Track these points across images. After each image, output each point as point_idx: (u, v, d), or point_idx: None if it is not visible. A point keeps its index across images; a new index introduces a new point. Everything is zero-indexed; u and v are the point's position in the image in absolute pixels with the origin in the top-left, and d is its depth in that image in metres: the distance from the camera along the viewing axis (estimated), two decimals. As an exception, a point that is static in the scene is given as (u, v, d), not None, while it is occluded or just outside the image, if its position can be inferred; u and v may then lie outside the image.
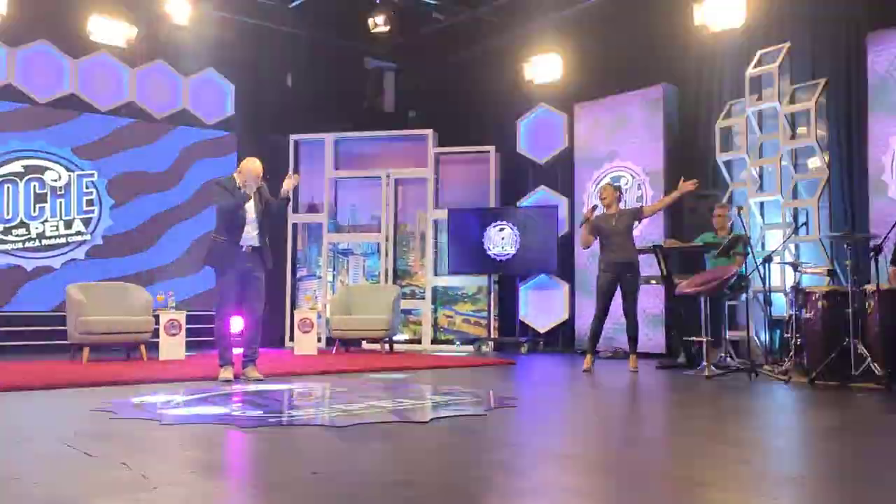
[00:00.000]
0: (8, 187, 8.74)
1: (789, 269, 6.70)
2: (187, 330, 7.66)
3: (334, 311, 8.77)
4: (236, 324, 6.20)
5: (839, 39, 7.32)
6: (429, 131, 10.06)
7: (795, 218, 7.28)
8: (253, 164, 5.63)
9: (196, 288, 9.54)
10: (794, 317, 5.98)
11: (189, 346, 7.76)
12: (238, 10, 9.65)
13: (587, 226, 6.67)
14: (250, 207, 5.61)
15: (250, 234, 5.62)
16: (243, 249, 5.59)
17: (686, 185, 6.48)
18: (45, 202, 8.95)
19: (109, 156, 9.33)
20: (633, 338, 6.64)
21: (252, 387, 5.21)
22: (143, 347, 7.40)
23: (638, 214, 6.76)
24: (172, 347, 7.48)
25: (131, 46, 8.90)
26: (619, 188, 7.00)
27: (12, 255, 8.73)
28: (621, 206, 6.96)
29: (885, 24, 6.81)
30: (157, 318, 7.56)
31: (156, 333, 7.51)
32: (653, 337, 8.20)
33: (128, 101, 9.44)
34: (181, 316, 7.62)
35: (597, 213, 6.78)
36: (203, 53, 9.66)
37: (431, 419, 3.75)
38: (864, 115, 6.89)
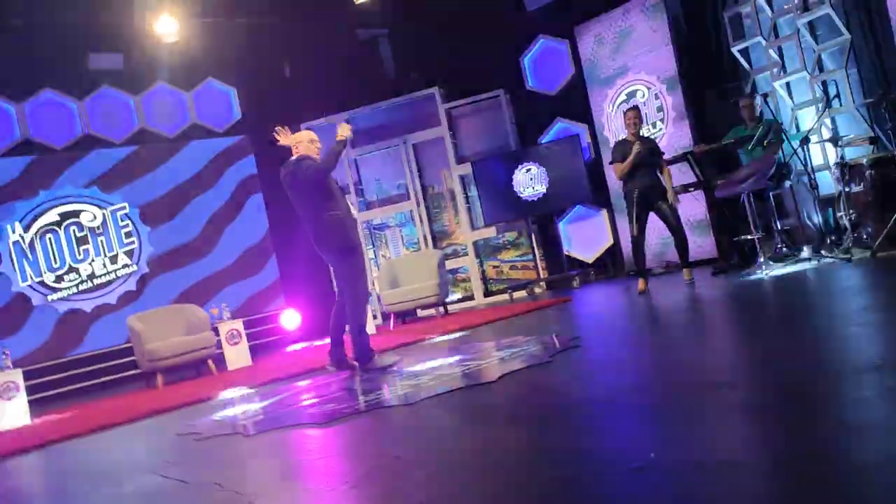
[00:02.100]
0: (49, 237, 8.95)
1: (829, 146, 6.50)
2: (247, 335, 7.83)
3: (383, 287, 8.85)
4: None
5: None
6: (434, 90, 9.93)
7: (826, 91, 7.03)
8: (307, 133, 5.34)
9: (242, 295, 9.75)
10: (843, 193, 5.82)
11: (253, 350, 7.93)
12: (221, 13, 9.57)
13: (631, 160, 6.44)
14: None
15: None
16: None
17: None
18: (88, 243, 9.15)
19: (135, 185, 9.46)
20: (683, 251, 6.55)
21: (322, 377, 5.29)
22: (210, 362, 7.58)
23: (660, 155, 6.63)
24: (238, 356, 7.66)
25: (130, 75, 8.92)
26: (637, 108, 6.76)
27: (70, 300, 8.98)
28: (643, 129, 6.72)
29: None
30: (216, 330, 7.73)
31: (219, 345, 7.69)
32: (702, 244, 8.08)
33: (139, 128, 9.53)
34: (239, 324, 7.78)
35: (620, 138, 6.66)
36: (199, 65, 9.66)
37: (500, 377, 3.77)
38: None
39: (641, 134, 6.68)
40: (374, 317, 9.24)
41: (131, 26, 8.90)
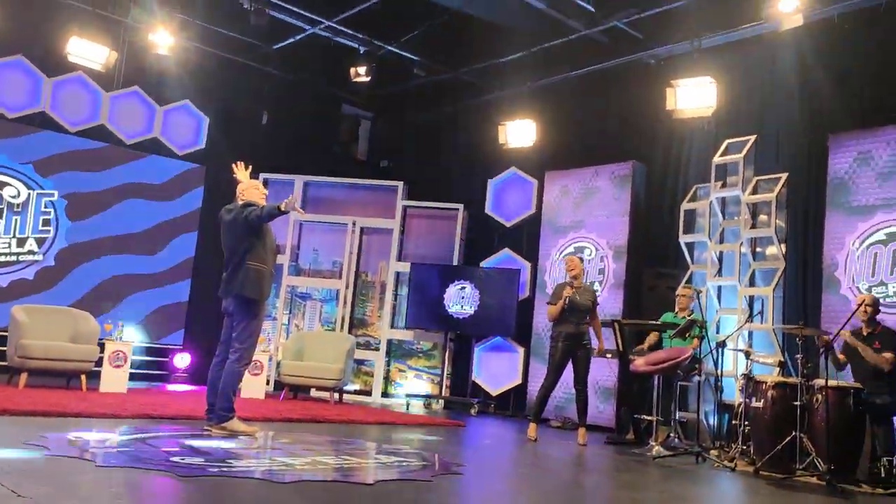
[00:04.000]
0: (-37, 200, 8.50)
1: (742, 357, 6.79)
2: (132, 362, 7.45)
3: (286, 356, 8.62)
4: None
5: (804, 137, 7.61)
6: (399, 183, 10.10)
7: (751, 305, 7.43)
8: (258, 182, 5.43)
9: (142, 314, 9.37)
10: (743, 404, 6.04)
11: (132, 378, 7.53)
12: (221, 46, 9.68)
13: (561, 304, 6.53)
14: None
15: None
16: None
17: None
18: (1, 218, 8.71)
19: (72, 177, 9.16)
20: (583, 410, 6.62)
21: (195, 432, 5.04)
22: (83, 377, 7.14)
23: (595, 303, 6.75)
24: (115, 380, 7.24)
25: (109, 71, 8.83)
26: (580, 257, 7.01)
27: (-42, 267, 8.44)
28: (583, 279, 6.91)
29: (846, 128, 7.10)
30: (102, 346, 7.34)
31: (99, 363, 7.28)
32: (603, 410, 8.21)
33: (99, 124, 9.32)
34: (127, 348, 7.40)
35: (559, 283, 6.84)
36: (181, 84, 9.63)
37: (376, 482, 3.66)
38: (822, 211, 7.12)
39: (582, 282, 6.80)
40: (268, 382, 8.94)
41: (127, 26, 8.92)
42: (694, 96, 7.68)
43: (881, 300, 6.20)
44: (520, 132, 9.41)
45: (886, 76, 7.08)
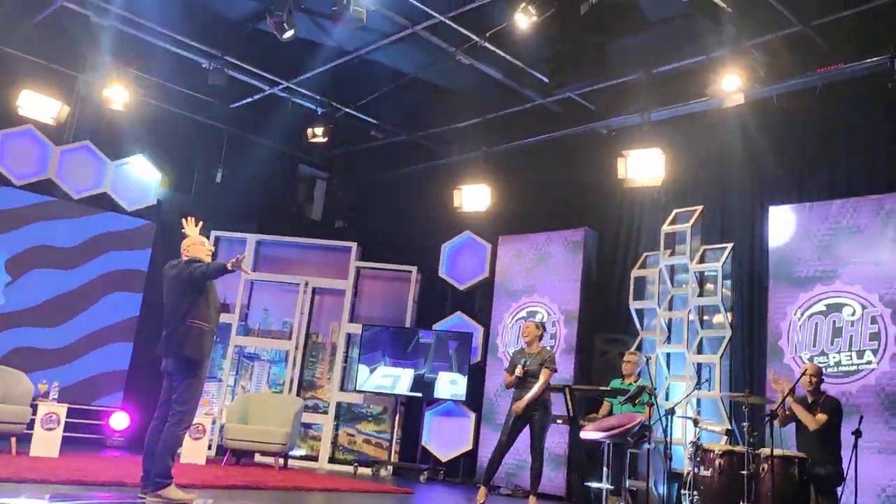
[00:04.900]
0: None
1: (690, 423, 6.82)
2: (66, 424, 7.13)
3: (230, 419, 8.35)
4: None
5: (745, 209, 7.87)
6: (353, 244, 10.07)
7: (699, 373, 7.51)
8: (204, 239, 5.36)
9: (75, 377, 9.03)
10: (692, 473, 6.04)
11: (66, 441, 7.20)
12: (177, 102, 9.65)
13: (516, 375, 6.50)
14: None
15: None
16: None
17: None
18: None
19: (15, 231, 8.89)
20: (536, 477, 6.51)
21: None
22: (13, 440, 6.80)
23: (543, 364, 6.56)
24: (47, 444, 6.91)
25: (61, 125, 8.70)
26: (541, 325, 6.89)
27: None
28: (541, 343, 6.79)
29: (786, 201, 7.37)
30: (34, 407, 7.02)
31: (31, 425, 6.95)
32: (554, 478, 8.10)
33: (46, 178, 9.09)
34: (62, 410, 7.10)
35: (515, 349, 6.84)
36: (135, 139, 9.52)
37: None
38: (765, 281, 7.31)
39: (538, 345, 6.71)
40: (210, 446, 8.64)
41: (82, 80, 8.85)
42: (644, 166, 7.88)
43: (823, 370, 6.33)
44: (474, 196, 9.51)
45: (822, 153, 7.41)
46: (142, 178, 9.88)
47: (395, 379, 9.25)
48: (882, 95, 6.75)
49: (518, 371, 6.48)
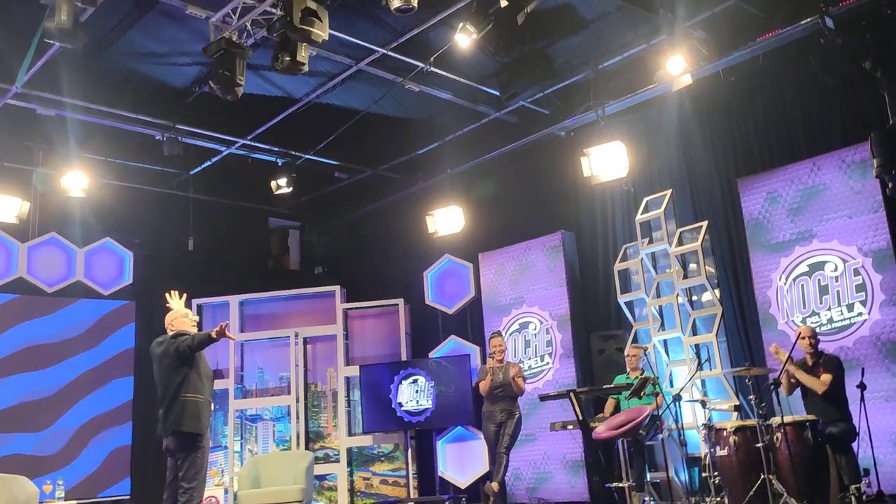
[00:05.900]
0: None
1: (699, 406, 6.82)
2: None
3: (242, 486, 8.23)
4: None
5: (714, 185, 7.94)
6: (336, 287, 10.01)
7: (698, 354, 7.51)
8: (187, 310, 5.40)
9: (79, 475, 8.88)
10: (709, 455, 6.02)
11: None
12: (137, 179, 9.60)
13: (487, 378, 7.41)
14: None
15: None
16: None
17: None
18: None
19: (-4, 335, 8.79)
20: (498, 466, 7.19)
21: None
22: (25, 547, 6.63)
23: (516, 376, 7.36)
24: (60, 544, 6.76)
25: (24, 222, 8.62)
26: (499, 333, 7.78)
27: None
28: (507, 358, 7.66)
29: (753, 171, 7.45)
30: (43, 510, 6.88)
31: (41, 529, 6.80)
32: (575, 484, 8.05)
33: (17, 277, 8.96)
34: (71, 507, 6.96)
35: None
36: (99, 223, 9.44)
37: None
38: (746, 253, 7.36)
39: (504, 359, 7.50)
40: (227, 516, 8.50)
41: (37, 174, 8.79)
42: (607, 161, 7.92)
43: (817, 329, 6.36)
44: (448, 219, 9.50)
45: (777, 118, 7.50)
46: (113, 259, 9.77)
47: (401, 413, 9.16)
48: (821, 52, 6.86)
49: (490, 372, 7.39)
